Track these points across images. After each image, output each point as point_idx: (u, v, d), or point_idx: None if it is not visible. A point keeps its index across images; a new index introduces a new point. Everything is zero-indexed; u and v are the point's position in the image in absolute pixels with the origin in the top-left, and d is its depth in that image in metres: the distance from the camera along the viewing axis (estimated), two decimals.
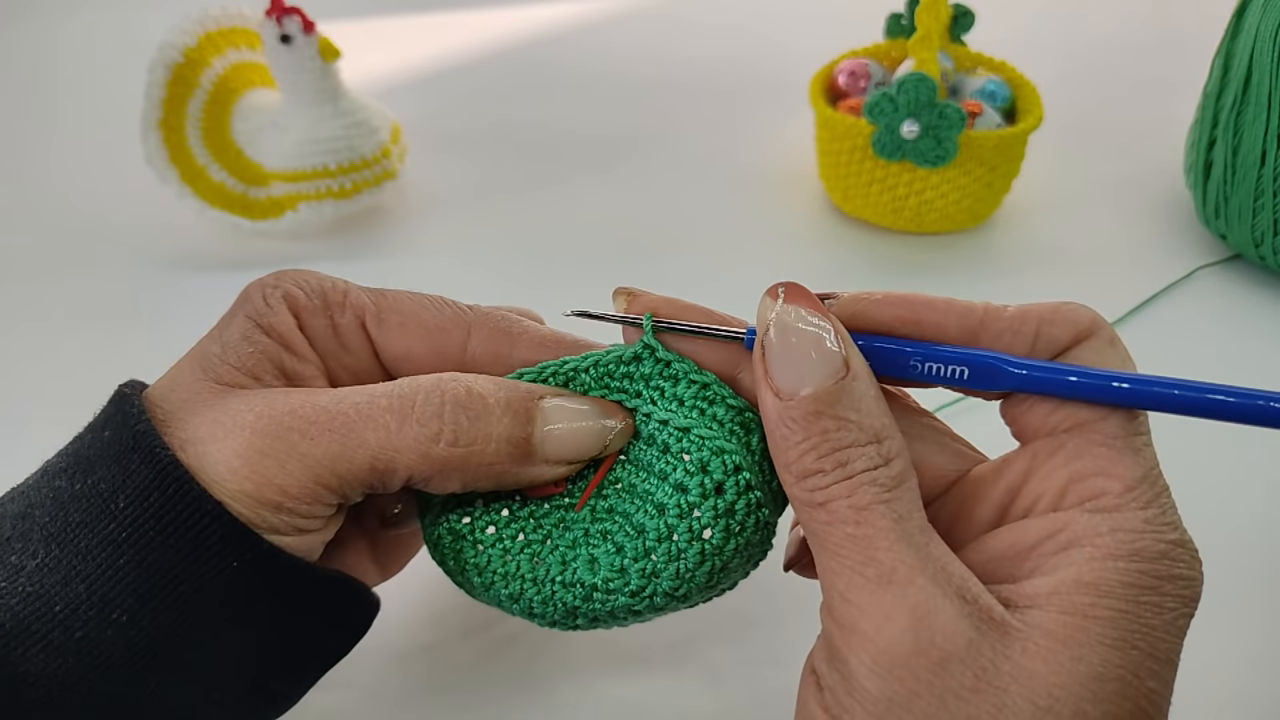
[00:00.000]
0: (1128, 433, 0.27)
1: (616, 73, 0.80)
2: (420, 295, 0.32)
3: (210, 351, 0.29)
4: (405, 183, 0.65)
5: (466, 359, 0.31)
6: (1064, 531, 0.26)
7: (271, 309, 0.30)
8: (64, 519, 0.27)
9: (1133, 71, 0.78)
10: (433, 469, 0.28)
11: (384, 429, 0.27)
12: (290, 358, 0.30)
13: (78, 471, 0.28)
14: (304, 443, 0.27)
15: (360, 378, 0.32)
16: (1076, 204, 0.64)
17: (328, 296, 0.31)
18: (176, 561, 0.26)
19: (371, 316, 0.31)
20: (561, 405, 0.30)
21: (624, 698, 0.37)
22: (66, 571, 0.26)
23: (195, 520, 0.26)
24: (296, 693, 0.31)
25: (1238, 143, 0.52)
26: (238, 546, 0.27)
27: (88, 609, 0.26)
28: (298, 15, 0.55)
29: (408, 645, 0.39)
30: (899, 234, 0.60)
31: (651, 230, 0.62)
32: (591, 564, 0.29)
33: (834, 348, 0.26)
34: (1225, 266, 0.57)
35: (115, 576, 0.26)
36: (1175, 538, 0.26)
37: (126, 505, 0.26)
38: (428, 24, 0.88)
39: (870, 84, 0.60)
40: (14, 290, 0.58)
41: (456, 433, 0.28)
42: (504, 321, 0.32)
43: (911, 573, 0.24)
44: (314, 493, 0.27)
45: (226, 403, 0.28)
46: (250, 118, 0.59)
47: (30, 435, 0.30)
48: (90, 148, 0.70)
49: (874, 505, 0.25)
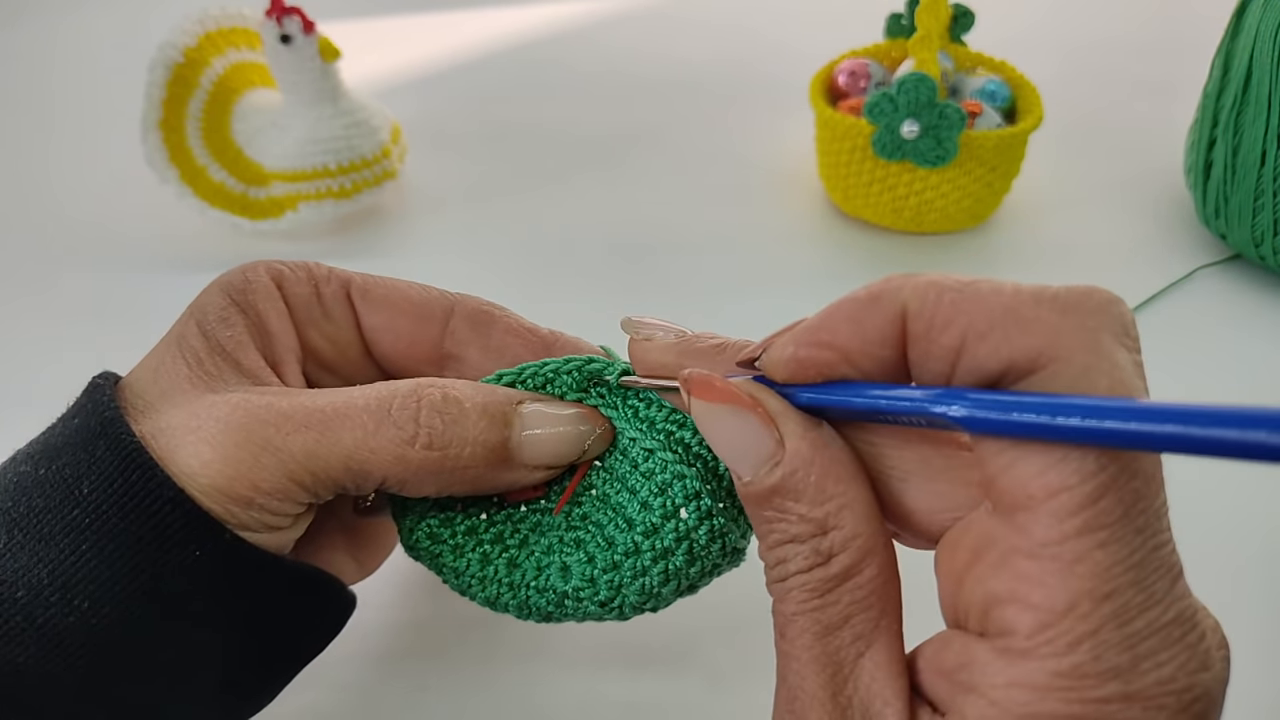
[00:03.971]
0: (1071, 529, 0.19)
1: (616, 73, 0.80)
2: (403, 280, 0.33)
3: (186, 333, 0.29)
4: (405, 183, 0.65)
5: (446, 336, 0.32)
6: (968, 669, 0.21)
7: (250, 283, 0.30)
8: (27, 504, 0.26)
9: (1133, 72, 0.78)
10: (408, 472, 0.28)
11: (360, 429, 0.27)
12: (266, 336, 0.30)
13: (43, 457, 0.27)
14: (279, 438, 0.27)
15: (340, 347, 0.32)
16: (1076, 204, 0.64)
17: (312, 270, 0.32)
18: (138, 549, 0.26)
19: (357, 288, 0.32)
20: (540, 410, 0.30)
21: (623, 698, 0.37)
22: (29, 557, 0.25)
23: (158, 507, 0.26)
24: (271, 690, 0.31)
25: (1238, 143, 0.52)
26: (200, 535, 0.26)
27: (49, 594, 0.25)
28: (298, 15, 0.55)
29: (400, 646, 0.39)
30: (899, 234, 0.60)
31: (651, 230, 0.62)
32: (564, 572, 0.29)
33: (756, 433, 0.24)
34: (1225, 266, 0.57)
35: (78, 563, 0.25)
36: (1110, 692, 0.19)
37: (90, 491, 0.26)
38: (428, 24, 0.88)
39: (870, 84, 0.60)
40: (14, 290, 0.58)
41: (432, 436, 0.28)
42: (485, 305, 0.32)
43: (809, 707, 0.22)
44: (286, 489, 0.27)
45: (205, 396, 0.28)
46: (250, 118, 0.59)
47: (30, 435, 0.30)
48: (90, 148, 0.70)
49: (798, 615, 0.23)
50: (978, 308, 0.21)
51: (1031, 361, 0.20)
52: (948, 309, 0.21)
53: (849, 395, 0.23)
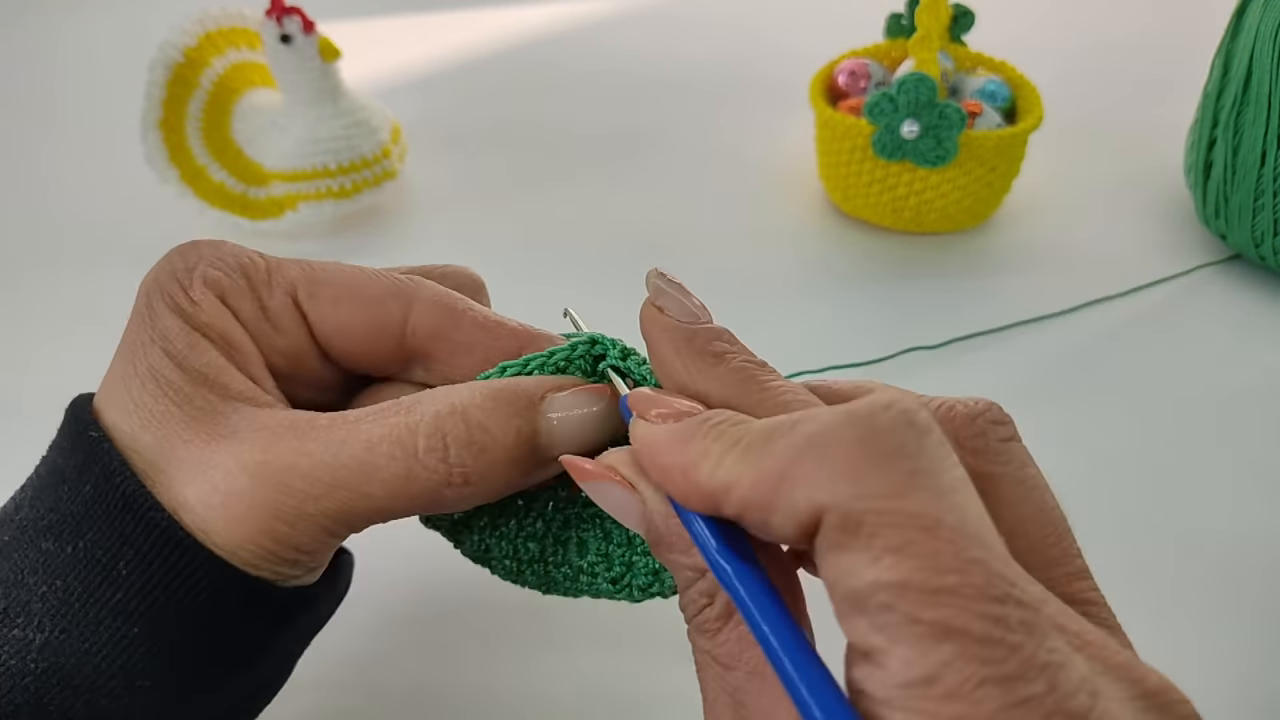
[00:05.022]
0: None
1: (616, 72, 0.80)
2: (354, 266, 0.30)
3: (160, 367, 0.27)
4: (405, 183, 0.65)
5: (406, 334, 0.29)
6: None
7: (199, 305, 0.28)
8: (64, 589, 0.25)
9: (1133, 72, 0.78)
10: (443, 508, 0.28)
11: (391, 481, 0.26)
12: (237, 354, 0.28)
13: (65, 532, 0.26)
14: (310, 503, 0.26)
15: (294, 359, 0.30)
16: (1076, 204, 0.64)
17: (251, 275, 0.29)
18: (195, 625, 0.26)
19: (303, 290, 0.29)
20: (561, 399, 0.28)
21: (624, 693, 0.37)
22: (79, 644, 0.25)
23: (207, 584, 0.26)
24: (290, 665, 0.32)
25: (1238, 143, 0.52)
26: (257, 599, 0.27)
27: (108, 679, 0.25)
28: (298, 15, 0.55)
29: (401, 646, 0.39)
30: (899, 234, 0.60)
31: (651, 230, 0.62)
32: (580, 547, 0.30)
33: (625, 499, 0.25)
34: (1225, 266, 0.57)
35: (132, 646, 0.25)
36: None
37: (129, 572, 0.25)
38: (428, 24, 0.88)
39: (870, 84, 0.60)
40: (14, 290, 0.58)
41: (466, 474, 0.27)
42: (447, 298, 0.30)
43: None
44: (326, 542, 0.27)
45: (214, 449, 0.26)
46: (250, 118, 0.59)
47: (30, 435, 0.30)
48: (90, 148, 0.70)
49: (703, 654, 0.24)
50: None
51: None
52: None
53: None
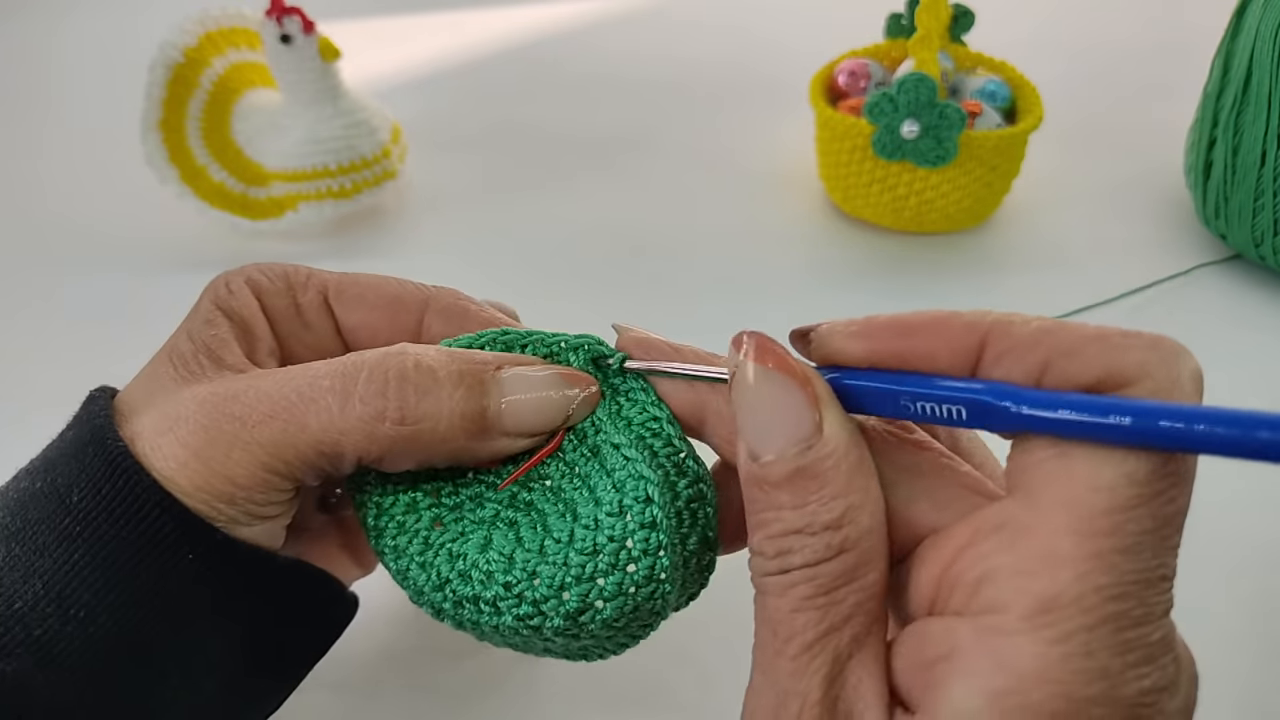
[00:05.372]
0: (1102, 526, 0.19)
1: (616, 73, 0.80)
2: (381, 275, 0.32)
3: (177, 341, 0.29)
4: (405, 183, 0.65)
5: (423, 332, 0.31)
6: (949, 659, 0.20)
7: (233, 293, 0.30)
8: (23, 516, 0.26)
9: (1133, 72, 0.78)
10: (381, 449, 0.26)
11: (326, 411, 0.26)
12: (249, 338, 0.30)
13: (40, 471, 0.27)
14: (245, 431, 0.26)
15: (321, 354, 0.31)
16: (1076, 204, 0.64)
17: (290, 278, 0.31)
18: (131, 555, 0.26)
19: (333, 291, 0.31)
20: (521, 374, 0.28)
21: (622, 694, 0.37)
22: (25, 569, 0.25)
23: (146, 512, 0.26)
24: (275, 693, 0.31)
25: (1238, 143, 0.52)
26: (191, 538, 0.26)
27: (45, 605, 0.25)
28: (298, 15, 0.55)
29: (400, 645, 0.39)
30: (899, 234, 0.60)
31: (651, 230, 0.62)
32: (484, 546, 0.27)
33: (801, 410, 0.23)
34: (1225, 266, 0.57)
35: (72, 572, 0.25)
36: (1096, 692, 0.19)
37: (80, 499, 0.26)
38: (428, 24, 0.88)
39: (870, 84, 0.60)
40: (13, 290, 0.58)
41: (403, 410, 0.26)
42: (460, 301, 0.31)
43: (801, 707, 0.22)
44: (264, 479, 0.26)
45: (178, 394, 0.27)
46: (250, 118, 0.59)
47: (30, 435, 0.30)
48: (90, 148, 0.70)
49: (798, 613, 0.22)
50: (1063, 332, 0.21)
51: (1120, 377, 0.20)
52: (1034, 333, 0.22)
53: (898, 383, 0.23)
